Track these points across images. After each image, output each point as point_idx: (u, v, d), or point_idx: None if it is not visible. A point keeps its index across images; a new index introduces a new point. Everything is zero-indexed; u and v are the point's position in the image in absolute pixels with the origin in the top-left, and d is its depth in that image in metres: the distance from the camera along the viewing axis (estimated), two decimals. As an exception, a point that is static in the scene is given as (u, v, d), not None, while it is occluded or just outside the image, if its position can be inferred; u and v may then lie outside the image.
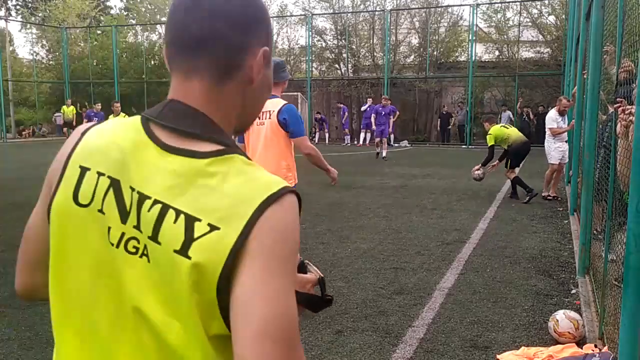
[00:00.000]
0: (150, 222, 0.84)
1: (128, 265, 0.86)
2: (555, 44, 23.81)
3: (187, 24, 0.91)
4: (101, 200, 0.89)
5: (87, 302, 0.91)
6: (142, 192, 0.86)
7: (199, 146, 0.87)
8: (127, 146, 0.90)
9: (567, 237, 6.75)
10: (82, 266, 0.91)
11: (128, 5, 39.12)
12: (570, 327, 3.68)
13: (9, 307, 4.34)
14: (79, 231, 0.90)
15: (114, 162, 0.90)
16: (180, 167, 0.85)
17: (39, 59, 32.58)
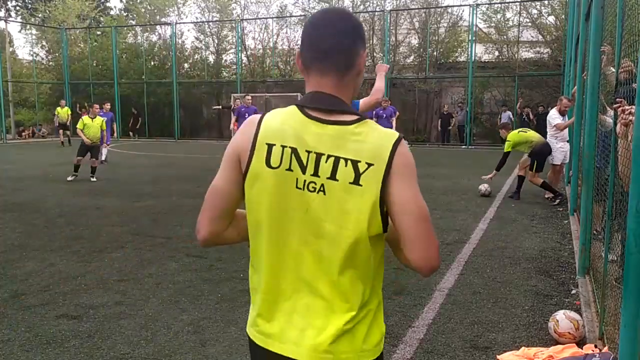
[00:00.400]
0: (328, 168, 1.37)
1: (310, 200, 1.39)
2: (555, 44, 23.79)
3: (319, 41, 1.43)
4: (288, 162, 1.40)
5: (281, 227, 1.42)
6: (318, 152, 1.38)
7: (344, 117, 1.41)
8: (296, 126, 1.41)
9: (567, 238, 6.74)
10: (277, 205, 1.41)
11: (128, 6, 39.10)
12: (571, 327, 3.68)
13: (9, 309, 4.34)
14: (272, 184, 1.41)
15: (290, 137, 1.41)
16: (337, 132, 1.39)
17: (39, 60, 32.58)
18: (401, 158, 1.38)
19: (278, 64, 29.60)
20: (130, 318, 4.13)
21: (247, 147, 1.44)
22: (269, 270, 1.46)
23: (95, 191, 10.44)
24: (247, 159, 1.44)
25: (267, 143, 1.42)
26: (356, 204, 1.36)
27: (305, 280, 1.43)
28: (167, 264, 5.57)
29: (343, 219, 1.37)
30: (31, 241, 6.55)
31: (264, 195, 1.43)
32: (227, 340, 3.75)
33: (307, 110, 1.43)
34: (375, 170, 1.36)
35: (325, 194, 1.38)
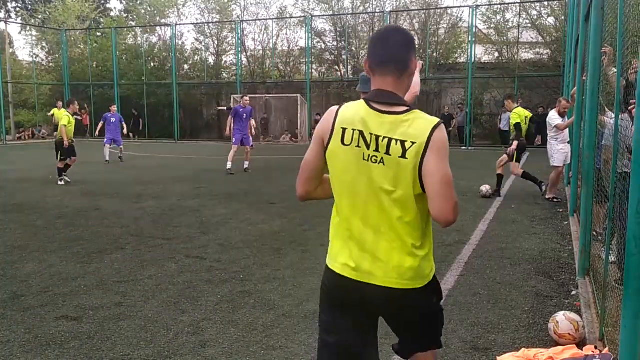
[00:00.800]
0: (384, 146, 1.91)
1: (373, 168, 1.94)
2: (555, 46, 23.81)
3: (383, 51, 1.98)
4: (357, 141, 1.95)
5: (354, 187, 1.98)
6: (377, 134, 1.93)
7: (397, 109, 1.94)
8: (363, 115, 1.96)
9: (567, 239, 6.74)
10: (350, 171, 1.98)
11: (128, 7, 39.10)
12: (571, 328, 3.67)
13: (8, 310, 4.33)
14: (346, 158, 1.98)
15: (358, 123, 1.96)
16: (391, 121, 1.92)
17: (39, 61, 32.59)
18: (436, 139, 1.89)
19: (278, 65, 29.61)
20: (130, 319, 4.13)
21: (328, 130, 2.02)
22: (346, 218, 2.04)
23: (95, 192, 10.44)
24: (328, 139, 2.02)
25: (342, 127, 1.99)
26: (403, 171, 1.91)
27: (372, 225, 1.98)
28: (167, 265, 5.56)
29: (395, 182, 1.93)
30: (31, 242, 6.54)
31: (340, 165, 2.01)
32: (227, 341, 3.74)
33: (372, 104, 1.98)
34: (417, 147, 1.89)
35: (383, 164, 1.94)
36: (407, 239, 1.96)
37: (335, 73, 28.68)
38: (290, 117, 27.30)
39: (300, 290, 4.81)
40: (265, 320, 4.11)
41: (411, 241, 1.97)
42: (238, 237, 6.81)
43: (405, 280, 1.97)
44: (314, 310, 4.30)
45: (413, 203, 1.94)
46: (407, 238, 1.96)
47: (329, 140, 2.01)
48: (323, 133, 2.03)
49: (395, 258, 1.96)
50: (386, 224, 1.96)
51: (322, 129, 2.04)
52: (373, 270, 1.98)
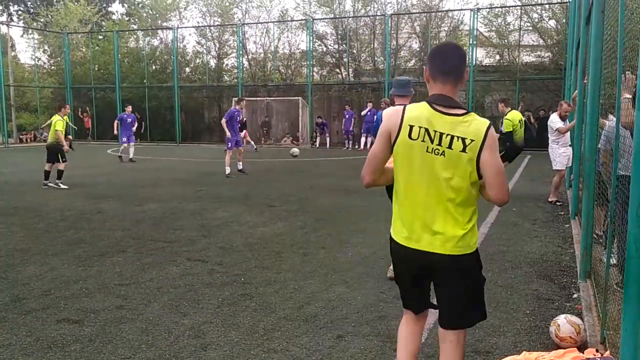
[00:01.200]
0: (447, 142, 2.36)
1: (435, 159, 2.37)
2: (556, 48, 23.80)
3: (443, 62, 2.43)
4: (422, 136, 2.38)
5: (417, 174, 2.42)
6: (441, 131, 2.37)
7: (457, 111, 2.38)
8: (427, 115, 2.39)
9: (569, 242, 6.74)
10: (415, 161, 2.41)
11: (129, 10, 39.18)
12: (572, 331, 3.67)
13: (10, 313, 4.34)
14: (412, 150, 2.40)
15: (423, 121, 2.38)
16: (452, 121, 2.36)
17: (41, 64, 32.63)
18: (490, 137, 2.38)
19: (279, 68, 29.62)
20: (131, 322, 4.13)
21: (396, 127, 2.45)
22: (407, 200, 2.51)
23: (96, 195, 10.45)
24: (396, 134, 2.46)
25: (409, 124, 2.44)
26: (463, 163, 2.38)
27: (431, 205, 2.45)
28: (168, 268, 5.57)
29: (454, 172, 2.39)
30: (32, 245, 6.55)
31: (407, 156, 2.45)
32: (228, 344, 3.74)
33: (434, 106, 2.43)
34: (475, 143, 2.36)
35: (444, 156, 2.39)
36: (458, 216, 2.45)
37: (337, 76, 28.68)
38: (292, 120, 27.31)
39: (301, 293, 4.81)
40: (266, 324, 4.11)
41: (461, 218, 2.45)
42: (239, 240, 6.81)
43: (458, 248, 2.45)
44: (314, 314, 4.31)
45: (468, 189, 2.43)
46: (458, 215, 2.45)
47: (397, 135, 2.46)
48: (390, 129, 2.48)
49: (450, 231, 2.44)
50: (442, 205, 2.44)
51: (389, 126, 2.49)
52: (432, 241, 2.46)
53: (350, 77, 27.77)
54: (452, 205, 2.43)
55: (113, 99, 29.07)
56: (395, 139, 2.46)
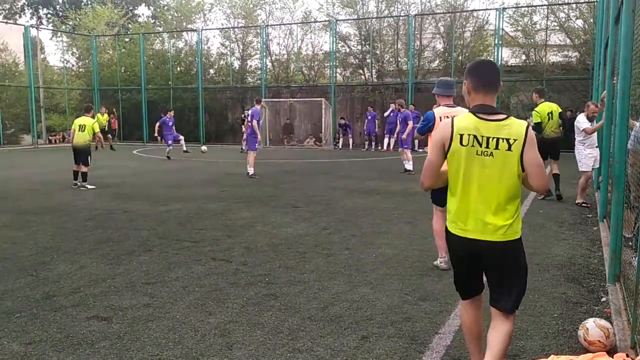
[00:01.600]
0: (493, 144, 2.78)
1: (484, 160, 2.80)
2: (584, 48, 23.43)
3: (482, 77, 2.89)
4: (472, 142, 2.80)
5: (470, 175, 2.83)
6: (487, 136, 2.79)
7: (498, 117, 2.83)
8: (474, 123, 2.82)
9: (597, 244, 6.63)
10: (467, 164, 2.82)
11: (155, 13, 39.73)
12: (601, 335, 3.61)
13: (41, 310, 4.43)
14: (464, 155, 2.82)
15: (472, 129, 2.81)
16: (495, 125, 2.80)
17: (69, 67, 33.26)
18: (530, 136, 2.80)
19: (302, 69, 29.71)
20: (158, 320, 4.19)
21: (448, 137, 2.86)
22: (462, 197, 2.90)
23: (123, 195, 10.61)
24: (449, 143, 2.87)
25: (459, 134, 2.85)
26: (509, 160, 2.80)
27: (482, 199, 2.85)
28: (194, 268, 5.63)
29: (502, 168, 2.81)
30: (62, 244, 6.68)
31: (460, 160, 2.86)
32: (254, 343, 3.77)
33: (478, 114, 2.86)
34: (518, 142, 2.78)
35: (493, 157, 2.81)
36: (507, 207, 2.84)
37: (360, 77, 28.65)
38: (314, 121, 27.36)
39: (325, 293, 4.82)
40: (290, 324, 4.13)
41: (509, 207, 2.85)
42: (263, 240, 6.85)
43: (507, 235, 2.84)
44: (339, 314, 4.31)
45: (515, 182, 2.83)
46: (507, 206, 2.84)
47: (449, 144, 2.87)
48: (444, 140, 2.89)
49: (500, 221, 2.83)
50: (493, 199, 2.83)
51: (442, 137, 2.90)
52: (485, 230, 2.84)
53: (373, 78, 27.71)
54: (501, 199, 2.83)
55: (139, 100, 29.49)
56: (448, 148, 2.88)
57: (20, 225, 7.80)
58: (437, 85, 5.47)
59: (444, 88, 5.40)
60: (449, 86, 5.41)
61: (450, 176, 2.94)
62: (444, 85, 5.42)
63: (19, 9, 44.83)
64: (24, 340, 3.84)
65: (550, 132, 9.77)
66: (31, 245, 6.64)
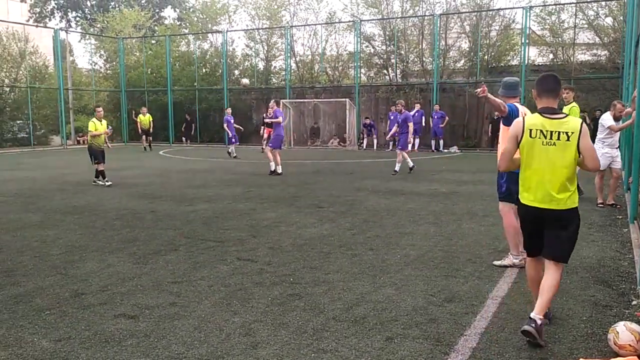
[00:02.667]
0: (556, 136, 3.81)
1: (549, 149, 3.83)
2: (613, 47, 22.94)
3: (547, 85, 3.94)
4: (539, 135, 3.85)
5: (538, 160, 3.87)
6: (551, 130, 3.82)
7: (559, 116, 3.86)
8: (541, 121, 3.86)
9: (627, 247, 6.49)
10: (535, 152, 3.87)
11: (181, 15, 40.14)
12: (632, 339, 3.53)
13: (70, 307, 4.52)
14: (533, 145, 3.87)
15: (539, 125, 3.85)
16: (558, 122, 3.82)
17: (97, 69, 33.82)
18: (584, 129, 3.74)
19: (327, 69, 29.71)
20: (184, 319, 4.23)
21: (520, 131, 3.87)
22: (531, 176, 3.87)
23: (150, 195, 10.75)
24: (521, 136, 3.86)
25: (529, 129, 3.82)
26: (568, 149, 3.75)
27: (548, 178, 3.79)
28: (219, 267, 5.67)
29: (563, 154, 3.76)
30: (90, 243, 6.80)
31: (530, 149, 3.84)
32: (278, 343, 3.78)
33: (544, 114, 3.83)
34: (575, 134, 3.72)
35: (555, 146, 3.76)
36: (566, 183, 3.81)
37: (384, 77, 28.54)
38: (339, 122, 27.34)
39: (350, 294, 4.81)
40: (315, 324, 4.13)
41: (568, 184, 3.82)
42: (287, 240, 6.87)
43: (566, 205, 3.83)
44: (364, 315, 4.30)
45: (572, 165, 3.81)
46: (566, 183, 3.81)
47: (521, 137, 3.90)
48: (517, 133, 3.93)
49: (561, 194, 3.82)
50: (556, 177, 3.81)
51: (516, 132, 3.93)
52: (550, 201, 3.84)
53: (397, 79, 27.58)
54: (562, 178, 3.81)
55: (165, 101, 29.84)
56: (520, 139, 3.91)
57: (50, 224, 7.95)
58: (502, 87, 5.72)
59: (508, 89, 5.68)
60: (513, 87, 5.70)
61: (522, 161, 3.96)
62: (507, 87, 5.69)
63: (49, 13, 45.74)
64: (53, 337, 3.92)
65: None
66: (60, 243, 6.77)
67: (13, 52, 28.62)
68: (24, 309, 4.50)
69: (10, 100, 28.12)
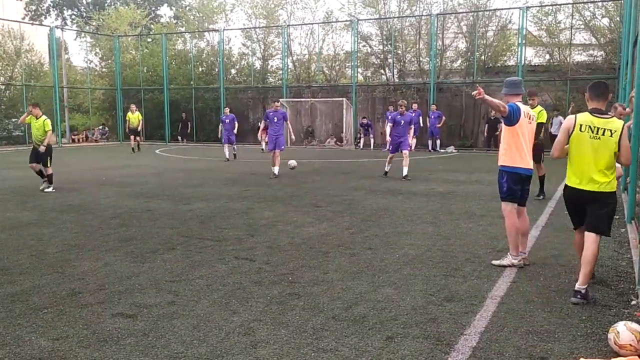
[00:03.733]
0: (601, 132, 4.70)
1: (595, 142, 4.71)
2: (609, 47, 23.01)
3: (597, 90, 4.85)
4: (588, 130, 4.73)
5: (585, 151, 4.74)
6: (598, 127, 4.71)
7: (605, 116, 4.78)
8: (590, 119, 4.76)
9: (625, 247, 6.50)
10: (583, 144, 4.75)
11: (177, 13, 40.04)
12: (632, 339, 3.53)
13: (67, 306, 4.48)
14: (582, 138, 4.75)
15: (588, 122, 4.75)
16: (604, 121, 4.73)
17: (93, 67, 33.70)
18: (625, 130, 4.69)
19: (323, 69, 29.69)
20: (182, 318, 4.21)
21: (572, 126, 4.77)
22: (578, 164, 4.76)
23: (146, 194, 10.71)
24: (572, 130, 4.76)
25: (580, 124, 4.73)
26: (610, 143, 4.65)
27: (592, 166, 4.69)
28: (217, 266, 5.65)
29: (605, 148, 4.65)
30: (87, 241, 6.76)
31: (579, 141, 4.73)
32: (278, 342, 3.76)
33: (593, 114, 4.73)
34: (617, 132, 4.64)
35: (600, 140, 4.66)
36: (606, 171, 4.65)
37: (381, 77, 28.54)
38: (336, 121, 27.33)
39: (349, 293, 4.80)
40: (314, 323, 4.11)
41: (607, 172, 4.66)
42: (285, 239, 6.85)
43: (605, 188, 4.67)
44: (363, 314, 4.29)
45: (611, 156, 4.64)
46: (606, 171, 4.65)
47: (572, 131, 4.73)
48: (569, 127, 4.77)
49: (602, 179, 4.66)
50: (598, 166, 4.65)
51: (568, 126, 4.78)
52: (592, 185, 4.68)
53: (394, 78, 27.58)
54: (602, 166, 4.65)
55: (161, 100, 29.77)
56: (571, 133, 4.75)
57: (46, 223, 7.91)
58: (505, 85, 5.79)
59: (510, 87, 5.76)
60: (515, 85, 5.79)
61: (571, 151, 4.79)
62: (510, 85, 5.77)
63: (45, 10, 45.55)
64: (51, 336, 3.89)
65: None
66: (57, 242, 6.73)
67: (8, 50, 28.52)
68: (21, 307, 4.47)
69: (5, 99, 28.04)
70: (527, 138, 5.65)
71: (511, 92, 5.70)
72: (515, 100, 5.63)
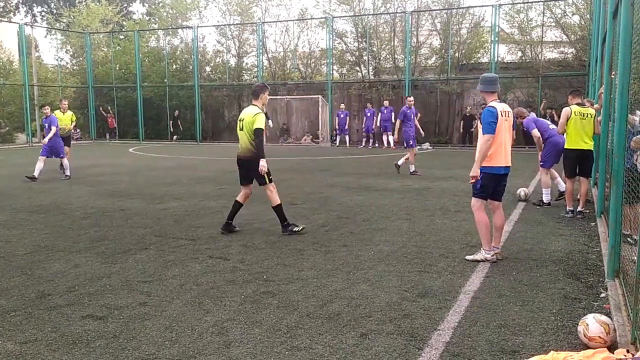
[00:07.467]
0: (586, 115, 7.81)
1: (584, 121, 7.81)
2: (580, 44, 23.41)
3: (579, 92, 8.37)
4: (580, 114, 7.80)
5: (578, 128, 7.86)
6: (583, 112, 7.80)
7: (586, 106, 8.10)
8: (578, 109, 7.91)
9: (595, 240, 6.61)
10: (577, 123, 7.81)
11: (150, 10, 39.55)
12: (601, 331, 3.59)
13: (35, 309, 4.39)
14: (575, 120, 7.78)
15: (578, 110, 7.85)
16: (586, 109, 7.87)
17: (64, 64, 33.06)
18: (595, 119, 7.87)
19: (299, 66, 29.62)
20: (154, 319, 4.15)
21: (569, 113, 7.76)
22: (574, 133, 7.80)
23: (119, 193, 10.55)
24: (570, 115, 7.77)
25: (574, 111, 7.78)
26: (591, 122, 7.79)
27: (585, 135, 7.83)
28: (191, 266, 5.59)
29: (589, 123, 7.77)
30: (57, 242, 6.63)
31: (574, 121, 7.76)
32: (252, 341, 3.73)
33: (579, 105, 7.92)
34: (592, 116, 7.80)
35: (585, 120, 7.76)
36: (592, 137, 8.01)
37: (357, 74, 28.59)
38: (312, 119, 27.30)
39: (324, 291, 4.79)
40: (289, 321, 4.09)
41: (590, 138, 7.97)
42: (260, 237, 6.81)
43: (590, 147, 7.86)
44: (337, 312, 4.28)
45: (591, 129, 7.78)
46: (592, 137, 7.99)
47: (570, 116, 7.69)
48: (567, 115, 7.68)
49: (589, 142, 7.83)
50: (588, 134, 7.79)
51: (566, 114, 7.70)
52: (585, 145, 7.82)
53: (370, 75, 27.65)
54: (590, 134, 7.59)
55: (134, 98, 29.35)
56: (569, 117, 7.59)
57: (14, 224, 7.74)
58: (481, 82, 5.69)
59: (486, 85, 5.65)
60: (492, 82, 5.66)
61: (569, 128, 7.59)
62: (486, 82, 5.66)
63: (14, 7, 44.58)
64: (18, 339, 3.80)
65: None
66: (26, 243, 6.58)
67: (-24, 48, 27.80)
68: (-13, 311, 4.36)
69: (-27, 97, 27.33)
70: (506, 136, 5.67)
71: (487, 89, 5.67)
72: (491, 98, 5.65)
